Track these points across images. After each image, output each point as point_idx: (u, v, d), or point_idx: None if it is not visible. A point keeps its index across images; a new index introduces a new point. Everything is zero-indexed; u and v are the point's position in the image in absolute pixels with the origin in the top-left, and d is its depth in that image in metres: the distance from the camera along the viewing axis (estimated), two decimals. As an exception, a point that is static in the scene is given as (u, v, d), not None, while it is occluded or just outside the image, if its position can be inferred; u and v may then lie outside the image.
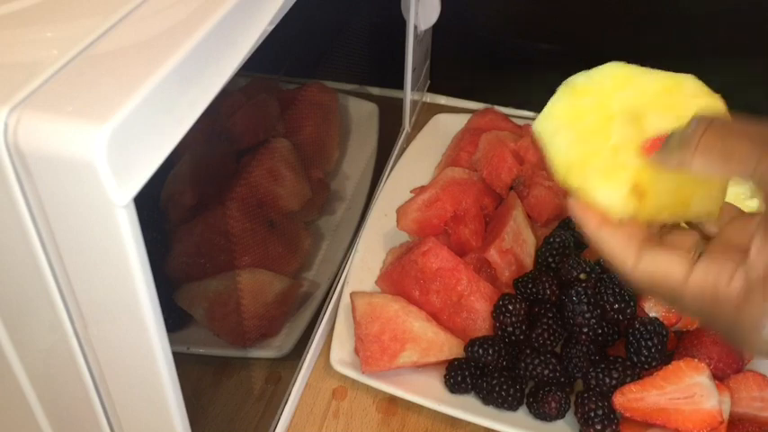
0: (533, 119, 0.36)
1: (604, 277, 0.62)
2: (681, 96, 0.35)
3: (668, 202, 0.35)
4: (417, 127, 0.89)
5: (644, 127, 0.34)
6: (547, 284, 0.64)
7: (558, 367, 0.60)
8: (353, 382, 0.63)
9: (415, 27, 0.80)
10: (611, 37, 0.87)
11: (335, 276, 0.69)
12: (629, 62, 0.39)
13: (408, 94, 0.86)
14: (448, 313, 0.64)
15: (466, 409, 0.59)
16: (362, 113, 0.80)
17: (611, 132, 0.35)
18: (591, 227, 0.36)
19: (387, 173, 0.82)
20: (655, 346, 0.58)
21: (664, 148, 0.32)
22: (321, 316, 0.66)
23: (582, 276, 0.63)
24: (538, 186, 0.73)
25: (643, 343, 0.58)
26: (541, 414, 0.58)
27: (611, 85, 0.36)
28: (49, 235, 0.29)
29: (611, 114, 0.35)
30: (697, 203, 0.35)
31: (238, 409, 0.56)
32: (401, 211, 0.72)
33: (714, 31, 0.83)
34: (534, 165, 0.75)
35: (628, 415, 0.56)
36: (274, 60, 0.57)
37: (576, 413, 0.58)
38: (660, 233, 0.36)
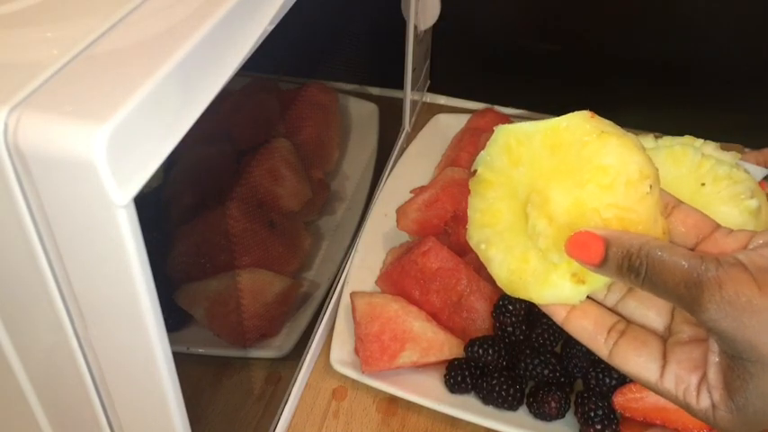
0: (533, 119, 0.37)
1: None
2: (569, 149, 0.34)
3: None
4: (417, 127, 0.89)
5: (552, 211, 0.35)
6: (547, 284, 0.64)
7: (557, 367, 0.60)
8: (353, 382, 0.63)
9: (415, 27, 0.80)
10: (611, 37, 0.87)
11: (335, 276, 0.69)
12: (628, 62, 0.39)
13: (408, 94, 0.86)
14: (448, 313, 0.64)
15: (466, 409, 0.59)
16: (362, 113, 0.80)
17: (528, 229, 0.36)
18: (559, 320, 0.37)
19: (387, 173, 0.82)
20: (655, 346, 0.58)
21: (606, 269, 0.33)
22: (321, 316, 0.66)
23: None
24: (538, 186, 0.73)
25: (643, 343, 0.58)
26: (541, 414, 0.58)
27: (507, 163, 0.36)
28: (49, 235, 0.29)
29: (521, 203, 0.36)
30: None
31: (238, 409, 0.56)
32: (401, 211, 0.72)
33: (713, 28, 0.83)
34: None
35: (628, 415, 0.56)
36: (274, 60, 0.57)
37: (576, 413, 0.58)
38: (625, 297, 0.37)
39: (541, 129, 0.35)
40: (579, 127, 0.34)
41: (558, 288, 0.35)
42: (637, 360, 0.35)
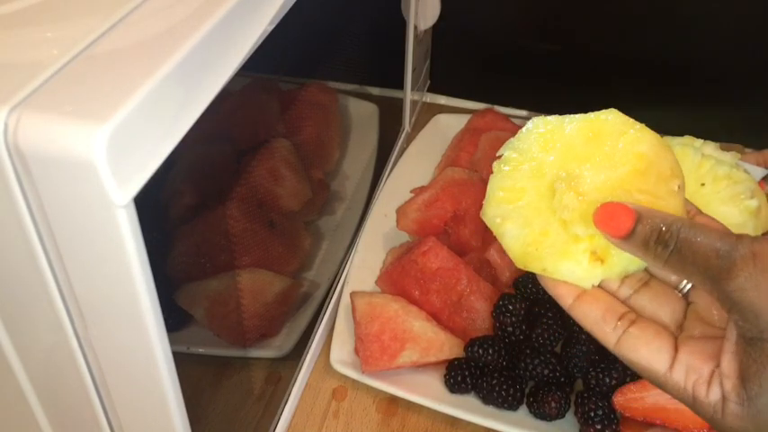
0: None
1: (604, 277, 0.62)
2: (606, 138, 0.35)
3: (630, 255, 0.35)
4: (417, 127, 0.89)
5: (582, 188, 0.35)
6: (547, 284, 0.64)
7: (557, 367, 0.60)
8: (353, 382, 0.63)
9: (415, 27, 0.80)
10: (611, 37, 0.87)
11: (335, 276, 0.69)
12: (628, 62, 0.39)
13: (408, 94, 0.86)
14: (448, 313, 0.64)
15: (466, 409, 0.59)
16: (362, 113, 0.80)
17: (553, 205, 0.36)
18: (566, 304, 0.36)
19: (387, 173, 0.82)
20: (655, 346, 0.58)
21: (631, 243, 0.33)
22: (321, 316, 0.66)
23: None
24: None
25: (643, 343, 0.58)
26: (541, 414, 0.58)
27: (538, 149, 0.36)
28: (49, 235, 0.29)
29: (548, 183, 0.36)
30: None
31: (238, 409, 0.56)
32: (401, 211, 0.72)
33: (713, 28, 0.83)
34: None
35: (628, 415, 0.56)
36: (274, 60, 0.57)
37: (575, 413, 0.58)
38: (639, 292, 0.37)
39: (580, 119, 0.36)
40: (621, 120, 0.35)
41: (575, 263, 0.35)
42: (647, 349, 0.34)
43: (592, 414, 0.56)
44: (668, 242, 0.32)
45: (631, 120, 0.35)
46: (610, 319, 0.35)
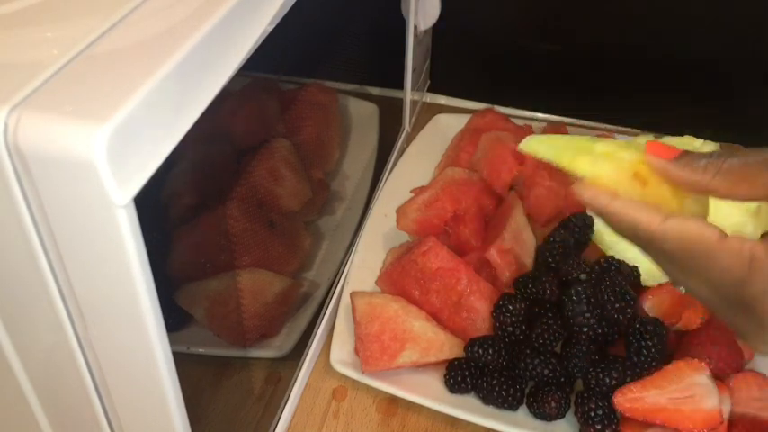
0: (533, 119, 0.37)
1: (604, 277, 0.62)
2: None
3: (669, 191, 0.35)
4: (417, 127, 0.89)
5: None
6: (547, 284, 0.64)
7: (557, 367, 0.60)
8: (353, 382, 0.63)
9: (415, 27, 0.80)
10: (611, 37, 0.87)
11: (335, 276, 0.69)
12: (628, 62, 0.40)
13: (408, 94, 0.86)
14: (448, 313, 0.64)
15: (466, 409, 0.59)
16: (362, 113, 0.80)
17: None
18: (604, 202, 0.35)
19: (387, 173, 0.82)
20: (655, 346, 0.58)
21: (679, 167, 0.34)
22: (321, 316, 0.66)
23: (582, 276, 0.63)
24: (538, 186, 0.73)
25: (643, 343, 0.58)
26: (541, 414, 0.58)
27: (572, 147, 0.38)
28: (49, 235, 0.29)
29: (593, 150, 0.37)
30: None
31: (238, 409, 0.56)
32: (401, 211, 0.72)
33: (713, 28, 0.83)
34: (534, 165, 0.75)
35: (628, 415, 0.56)
36: (274, 60, 0.57)
37: (575, 413, 0.58)
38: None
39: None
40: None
41: (620, 173, 0.36)
42: (697, 223, 0.33)
43: (592, 414, 0.56)
44: (722, 154, 0.32)
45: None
46: (652, 207, 0.35)
